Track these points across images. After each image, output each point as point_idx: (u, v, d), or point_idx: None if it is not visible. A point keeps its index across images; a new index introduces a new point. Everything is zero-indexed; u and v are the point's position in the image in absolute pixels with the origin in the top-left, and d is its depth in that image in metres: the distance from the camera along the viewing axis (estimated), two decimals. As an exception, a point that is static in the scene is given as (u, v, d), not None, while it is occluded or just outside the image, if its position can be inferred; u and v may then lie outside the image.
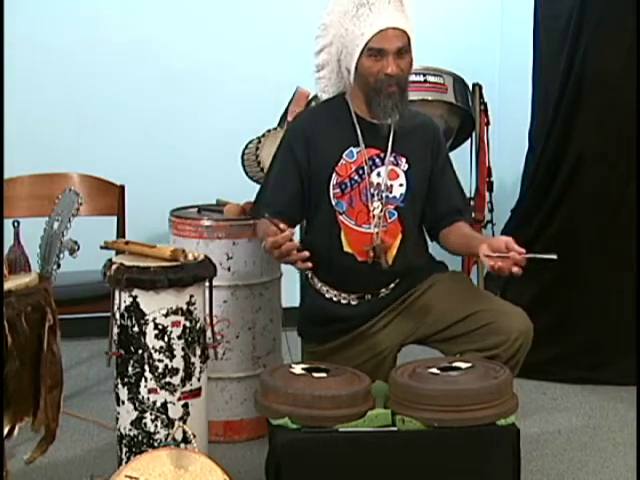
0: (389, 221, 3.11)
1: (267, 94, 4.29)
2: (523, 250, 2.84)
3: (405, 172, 3.12)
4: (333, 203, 3.10)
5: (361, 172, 3.10)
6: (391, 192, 3.11)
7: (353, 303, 3.16)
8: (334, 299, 3.16)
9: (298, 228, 3.37)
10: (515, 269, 2.81)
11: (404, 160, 3.12)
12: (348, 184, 3.10)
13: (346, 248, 3.11)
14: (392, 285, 3.16)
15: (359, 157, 3.10)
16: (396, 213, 3.12)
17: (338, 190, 3.10)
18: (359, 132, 3.10)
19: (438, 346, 3.13)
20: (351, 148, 3.10)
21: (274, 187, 3.14)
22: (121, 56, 4.56)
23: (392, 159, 3.11)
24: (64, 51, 4.51)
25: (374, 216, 3.09)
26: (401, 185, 3.12)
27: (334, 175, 3.09)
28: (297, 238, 3.23)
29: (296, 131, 3.16)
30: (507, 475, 2.75)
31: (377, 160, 3.11)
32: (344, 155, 3.10)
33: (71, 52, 4.52)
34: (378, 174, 3.11)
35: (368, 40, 2.96)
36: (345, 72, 3.06)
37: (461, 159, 4.00)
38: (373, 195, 3.10)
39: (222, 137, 4.50)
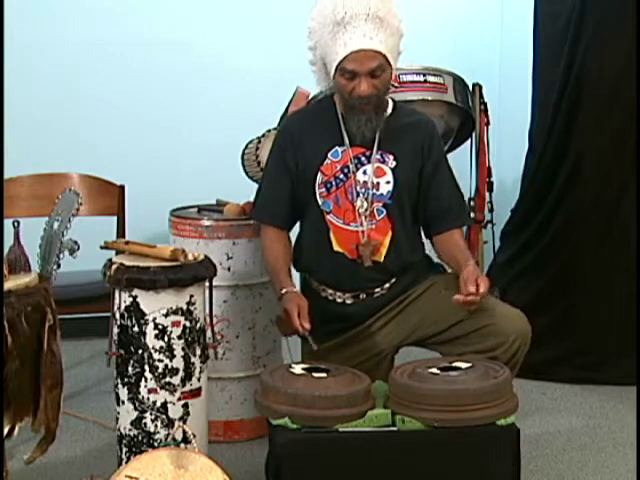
0: (378, 218, 3.12)
1: (267, 94, 4.28)
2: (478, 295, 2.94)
3: (392, 169, 3.12)
4: (319, 203, 3.12)
5: (346, 171, 3.11)
6: (378, 190, 3.12)
7: (348, 302, 3.17)
8: (329, 298, 3.18)
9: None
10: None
11: (391, 157, 3.12)
12: (333, 183, 3.11)
13: (336, 247, 3.12)
14: (387, 285, 3.16)
15: (344, 156, 3.11)
16: (385, 210, 3.12)
17: (324, 189, 3.11)
18: (344, 132, 3.10)
19: (437, 348, 3.13)
20: (336, 147, 3.12)
21: (270, 190, 3.19)
22: (121, 56, 4.56)
23: (379, 157, 3.12)
24: (64, 51, 4.51)
25: (360, 214, 3.10)
26: (388, 182, 3.12)
27: (319, 175, 3.11)
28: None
29: (284, 133, 3.20)
30: (507, 475, 2.75)
31: (363, 158, 3.12)
32: (329, 155, 3.12)
33: (71, 52, 4.52)
34: (364, 172, 3.11)
35: (340, 60, 2.97)
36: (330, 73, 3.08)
37: (461, 159, 4.00)
38: (359, 193, 3.10)
39: (222, 137, 4.50)
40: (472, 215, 3.96)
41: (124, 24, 4.55)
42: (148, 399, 2.78)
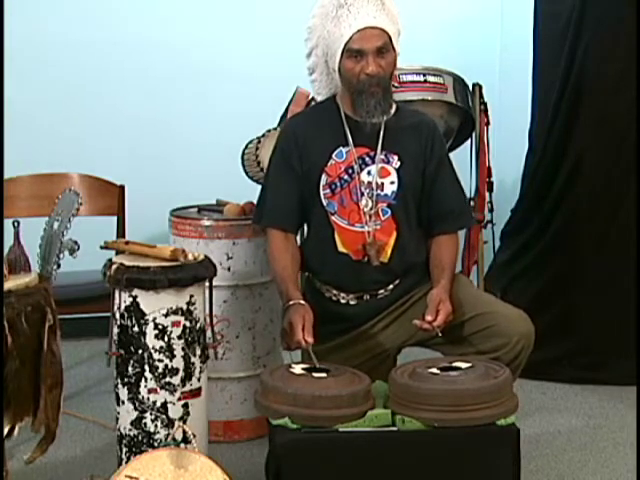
0: (383, 219, 3.12)
1: (267, 94, 4.28)
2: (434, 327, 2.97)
3: (397, 169, 3.12)
4: (324, 204, 3.11)
5: (351, 171, 3.10)
6: (382, 190, 3.11)
7: (352, 303, 3.16)
8: (333, 298, 3.17)
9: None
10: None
11: (396, 158, 3.12)
12: (338, 184, 3.11)
13: (341, 248, 3.12)
14: (391, 286, 3.16)
15: (348, 157, 3.11)
16: (389, 211, 3.12)
17: (328, 190, 3.11)
18: (348, 132, 3.11)
19: (439, 348, 3.13)
20: (340, 148, 3.11)
21: (276, 194, 3.16)
22: (121, 56, 4.56)
23: (383, 157, 3.11)
24: (64, 51, 4.51)
25: (365, 214, 3.10)
26: (392, 183, 3.12)
27: (324, 176, 3.11)
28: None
29: (287, 135, 3.18)
30: (507, 475, 2.75)
31: (367, 159, 3.11)
32: (333, 155, 3.11)
33: (71, 52, 4.52)
34: (368, 172, 3.11)
35: (347, 41, 2.98)
36: (333, 73, 3.08)
37: (461, 159, 4.00)
38: (363, 194, 3.10)
39: (222, 137, 4.50)
40: (472, 215, 3.95)
41: (125, 25, 4.55)
42: (148, 399, 2.78)
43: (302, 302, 3.02)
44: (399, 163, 3.12)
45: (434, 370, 2.79)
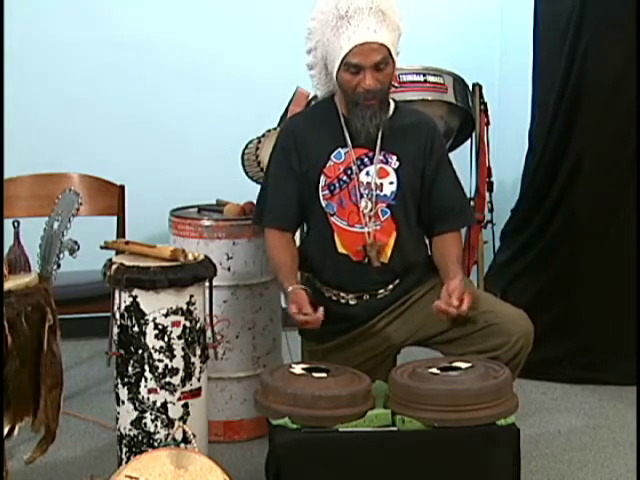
0: (382, 219, 3.11)
1: (267, 94, 4.28)
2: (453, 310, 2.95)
3: (396, 170, 3.12)
4: (323, 205, 3.11)
5: (349, 172, 3.10)
6: (381, 190, 3.11)
7: (352, 303, 3.16)
8: (333, 298, 3.17)
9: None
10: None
11: (394, 158, 3.12)
12: (337, 185, 3.10)
13: (340, 249, 3.12)
14: (391, 286, 3.16)
15: (347, 157, 3.11)
16: (389, 211, 3.12)
17: (327, 192, 3.11)
18: (346, 133, 3.10)
19: (439, 348, 3.13)
20: (339, 149, 3.11)
21: (276, 194, 3.16)
22: (121, 56, 4.56)
23: (381, 157, 3.11)
24: (64, 51, 4.51)
25: (364, 215, 3.10)
26: (391, 183, 3.11)
27: (322, 177, 3.11)
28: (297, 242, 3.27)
29: (287, 135, 3.18)
30: (507, 475, 2.75)
31: (366, 159, 3.11)
32: (332, 156, 3.11)
33: (72, 52, 4.52)
34: (367, 173, 3.11)
35: (345, 55, 2.97)
36: (331, 74, 3.08)
37: (461, 159, 4.00)
38: (362, 195, 3.10)
39: (222, 137, 4.50)
40: (473, 215, 3.95)
41: (125, 24, 4.55)
42: (148, 399, 2.78)
43: (296, 288, 3.01)
44: (398, 163, 3.12)
45: (434, 370, 2.79)
